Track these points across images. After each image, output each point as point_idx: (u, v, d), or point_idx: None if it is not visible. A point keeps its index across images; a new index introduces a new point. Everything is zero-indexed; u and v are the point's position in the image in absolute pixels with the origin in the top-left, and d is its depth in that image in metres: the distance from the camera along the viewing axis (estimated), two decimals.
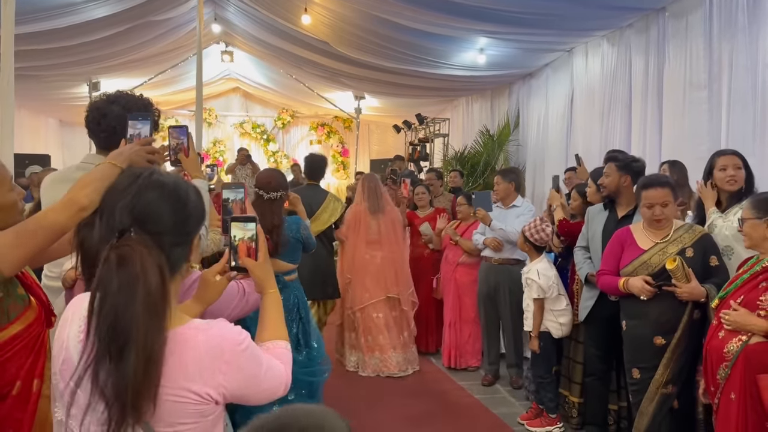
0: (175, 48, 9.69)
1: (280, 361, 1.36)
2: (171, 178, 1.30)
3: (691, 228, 2.97)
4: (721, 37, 4.94)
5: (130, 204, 1.21)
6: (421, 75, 8.63)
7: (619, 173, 3.48)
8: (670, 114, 5.55)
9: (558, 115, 7.68)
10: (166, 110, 13.74)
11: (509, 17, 6.22)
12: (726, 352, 2.42)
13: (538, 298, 3.84)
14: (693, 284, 2.76)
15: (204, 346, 1.18)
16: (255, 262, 1.48)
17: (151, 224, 1.20)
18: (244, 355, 1.22)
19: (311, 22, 7.44)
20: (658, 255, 2.92)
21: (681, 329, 2.81)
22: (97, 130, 2.14)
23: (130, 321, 1.11)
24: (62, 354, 1.21)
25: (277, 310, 1.49)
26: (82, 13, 6.97)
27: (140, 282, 1.13)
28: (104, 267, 1.14)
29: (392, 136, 12.74)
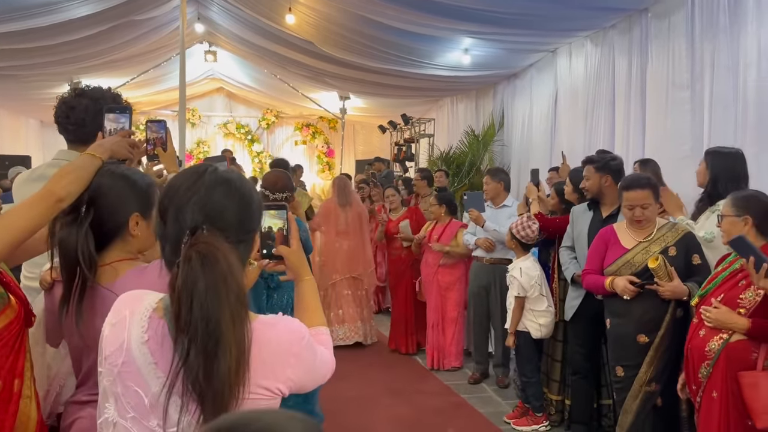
0: (158, 48, 9.60)
1: (324, 347, 1.38)
2: (235, 173, 1.29)
3: (674, 227, 2.98)
4: (703, 37, 4.98)
5: (200, 201, 1.19)
6: (406, 75, 8.63)
7: (599, 174, 3.50)
8: (653, 114, 5.59)
9: (542, 115, 7.72)
10: (149, 110, 13.63)
11: (493, 17, 6.24)
12: (707, 350, 2.43)
13: (519, 296, 3.85)
14: (675, 283, 2.78)
15: (275, 341, 1.19)
16: (290, 249, 1.46)
17: (220, 221, 1.19)
18: (307, 347, 1.24)
19: (295, 21, 7.40)
20: (641, 254, 2.93)
21: (664, 327, 2.83)
22: (65, 123, 2.10)
23: (223, 318, 1.10)
24: (122, 355, 1.17)
25: (315, 297, 1.49)
26: (63, 12, 6.88)
27: (230, 279, 1.12)
28: (186, 266, 1.12)
29: (378, 136, 12.74)
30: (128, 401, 1.16)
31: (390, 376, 5.13)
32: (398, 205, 6.06)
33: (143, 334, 1.17)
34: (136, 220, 1.60)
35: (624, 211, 3.00)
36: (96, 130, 2.08)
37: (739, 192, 2.61)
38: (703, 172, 3.12)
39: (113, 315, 1.23)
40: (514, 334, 3.91)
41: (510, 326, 3.92)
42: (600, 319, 3.21)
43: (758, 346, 2.35)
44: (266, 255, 1.46)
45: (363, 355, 5.67)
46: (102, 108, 2.04)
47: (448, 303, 5.14)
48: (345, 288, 5.92)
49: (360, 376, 5.05)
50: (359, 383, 4.91)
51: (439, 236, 5.17)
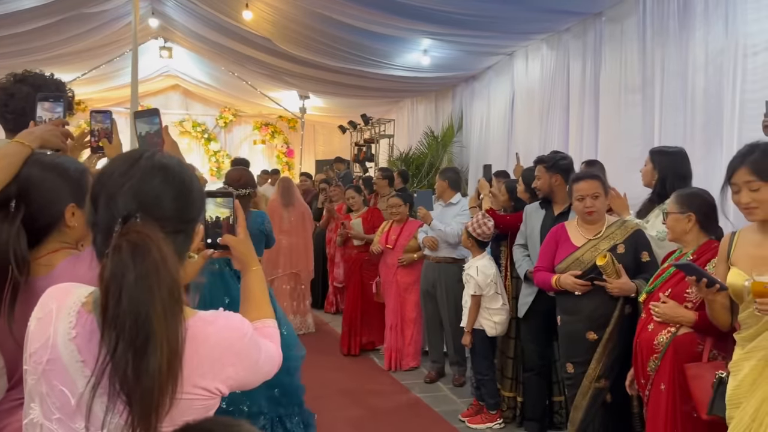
0: (110, 42, 9.33)
1: (270, 340, 1.32)
2: (174, 160, 1.20)
3: (623, 224, 3.02)
4: (654, 42, 5.11)
5: (135, 187, 1.10)
6: (366, 75, 8.60)
7: (549, 174, 3.55)
8: (605, 116, 5.71)
9: (500, 117, 7.81)
10: (102, 107, 13.23)
11: (452, 18, 6.27)
12: (656, 344, 2.47)
13: (475, 295, 3.86)
14: (623, 280, 2.81)
15: (213, 339, 1.12)
16: (236, 239, 1.39)
17: (156, 209, 1.11)
18: (249, 344, 1.18)
19: (253, 18, 7.29)
20: (590, 251, 2.96)
21: (612, 324, 2.86)
22: (4, 111, 1.97)
23: (154, 313, 1.02)
24: (47, 352, 1.09)
25: (262, 288, 1.42)
26: (10, 3, 6.62)
27: (161, 270, 1.04)
28: (116, 256, 1.03)
29: (338, 136, 12.68)
30: (54, 402, 1.09)
31: (344, 376, 5.07)
32: (360, 206, 6.05)
33: (70, 330, 1.10)
34: (71, 211, 1.51)
35: (575, 204, 3.03)
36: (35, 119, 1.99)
37: (683, 190, 2.67)
38: (650, 171, 3.18)
39: (39, 309, 1.15)
40: (470, 333, 3.91)
41: (466, 325, 3.92)
42: (552, 316, 3.24)
43: (704, 339, 2.40)
44: (211, 245, 1.40)
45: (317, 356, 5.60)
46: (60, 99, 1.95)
47: (407, 304, 5.12)
48: (285, 283, 6.29)
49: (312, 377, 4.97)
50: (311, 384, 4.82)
51: (397, 236, 5.13)
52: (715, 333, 2.34)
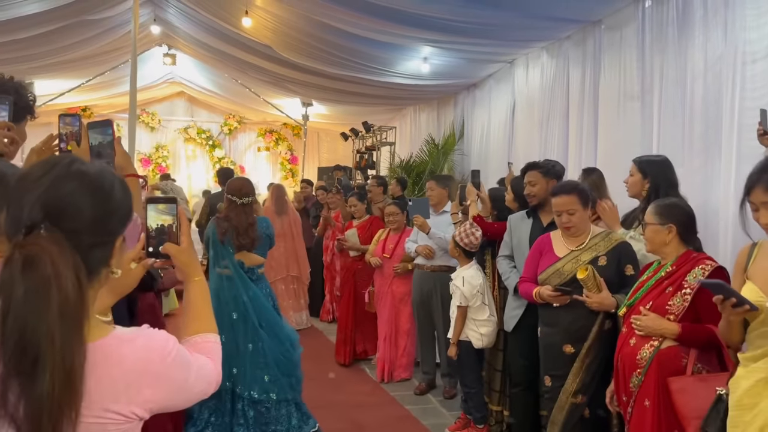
0: (113, 49, 9.37)
1: (209, 356, 1.25)
2: (94, 167, 1.12)
3: (607, 236, 2.94)
4: (652, 49, 5.03)
5: (42, 196, 1.02)
6: (367, 82, 8.57)
7: (546, 179, 3.47)
8: (605, 123, 5.63)
9: (500, 125, 7.74)
10: (106, 113, 13.27)
11: (452, 26, 6.23)
12: (639, 359, 2.39)
13: (461, 306, 3.78)
14: (603, 294, 2.72)
15: (129, 359, 1.05)
16: (178, 247, 1.33)
17: (66, 220, 1.02)
18: (173, 364, 1.11)
19: (252, 24, 7.29)
20: (571, 263, 2.89)
21: (591, 339, 2.78)
22: None
23: (41, 332, 0.94)
24: None
25: (205, 300, 1.35)
26: (11, 9, 6.65)
27: (53, 287, 0.96)
28: (7, 269, 0.97)
29: (342, 143, 12.66)
30: None
31: (334, 387, 5.00)
32: (362, 214, 5.99)
33: None
34: None
35: (555, 218, 2.97)
36: None
37: (662, 200, 2.60)
38: (639, 181, 3.10)
39: None
40: (456, 344, 3.83)
41: (452, 336, 3.84)
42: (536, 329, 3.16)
43: (687, 352, 2.32)
44: (152, 253, 1.35)
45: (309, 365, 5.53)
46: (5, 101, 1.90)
47: (402, 315, 5.03)
48: (281, 284, 6.72)
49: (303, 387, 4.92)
50: None
51: (395, 245, 5.06)
52: (699, 345, 2.27)
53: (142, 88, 11.63)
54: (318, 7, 6.30)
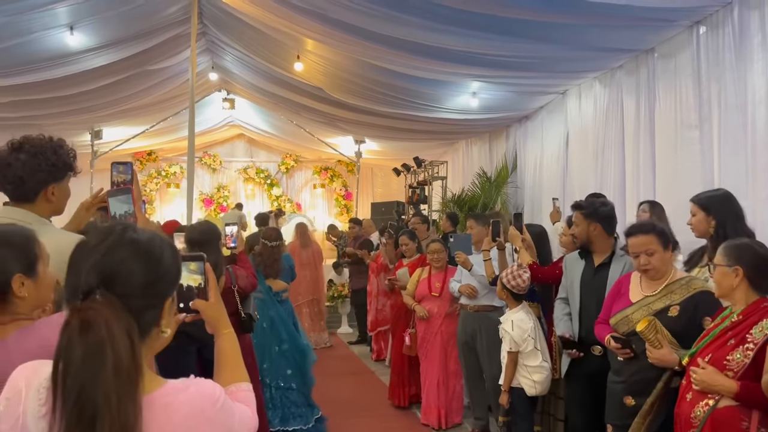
0: (176, 95, 9.81)
1: (245, 404, 1.30)
2: (145, 235, 1.20)
3: (688, 283, 2.68)
4: (709, 76, 4.85)
5: (98, 263, 1.11)
6: (417, 119, 8.62)
7: (587, 222, 3.30)
8: (662, 154, 5.43)
9: (554, 157, 7.59)
10: (170, 157, 13.90)
11: (499, 61, 6.20)
12: (693, 417, 2.19)
13: (511, 351, 3.63)
14: (663, 351, 2.48)
15: (185, 408, 1.12)
16: (206, 303, 1.41)
17: (119, 285, 1.11)
18: (222, 410, 1.17)
19: (304, 68, 7.50)
20: (641, 310, 2.67)
21: (654, 395, 2.54)
22: (2, 182, 1.99)
23: (98, 392, 1.01)
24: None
25: (235, 351, 1.41)
26: (79, 63, 7.10)
27: (107, 348, 1.04)
28: (65, 333, 1.05)
29: (394, 178, 12.73)
30: None
31: (387, 430, 4.90)
32: (413, 252, 5.92)
33: (40, 407, 1.09)
34: (20, 282, 1.48)
35: (633, 261, 2.78)
36: (38, 187, 2.02)
37: (733, 240, 2.38)
38: (704, 219, 2.91)
39: (8, 389, 1.14)
40: (507, 392, 3.66)
41: (503, 383, 3.67)
42: (599, 378, 2.96)
43: (748, 414, 2.09)
44: (183, 309, 1.40)
45: (361, 407, 5.48)
46: (41, 162, 1.98)
47: (451, 357, 4.86)
48: (305, 307, 7.82)
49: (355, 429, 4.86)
50: None
51: (442, 284, 4.92)
52: (764, 407, 2.04)
53: (204, 131, 12.14)
54: (366, 49, 6.42)
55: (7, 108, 7.90)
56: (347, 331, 9.21)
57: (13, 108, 7.96)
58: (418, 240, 6.16)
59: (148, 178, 13.66)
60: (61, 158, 2.01)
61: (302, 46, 7.14)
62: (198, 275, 1.41)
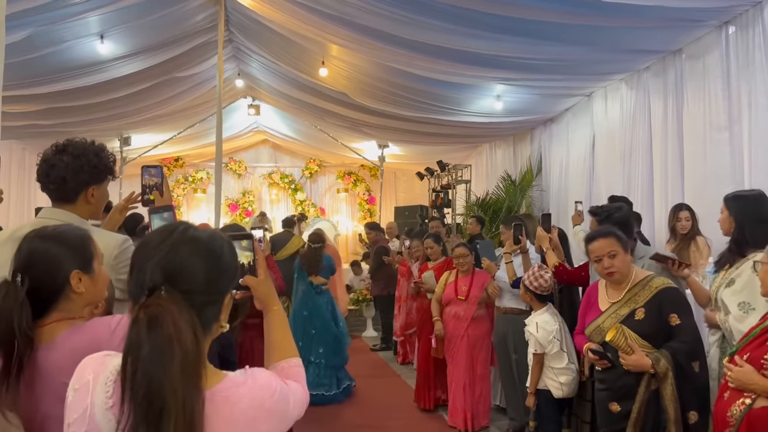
0: (203, 102, 9.96)
1: (297, 380, 1.34)
2: (206, 233, 1.24)
3: (648, 283, 2.69)
4: (739, 77, 4.79)
5: (162, 260, 1.15)
6: (440, 122, 8.63)
7: None
8: (691, 156, 5.36)
9: (579, 160, 7.54)
10: (197, 162, 14.09)
11: (524, 64, 6.19)
12: (729, 416, 2.17)
13: (537, 353, 3.62)
14: (636, 357, 2.52)
15: (246, 400, 1.16)
16: (256, 279, 1.44)
17: (183, 282, 1.15)
18: (279, 399, 1.22)
19: (329, 74, 7.56)
20: (610, 319, 2.69)
21: (638, 402, 2.55)
22: (46, 182, 2.05)
23: (166, 385, 1.05)
24: (85, 423, 1.13)
25: (284, 327, 1.45)
26: (109, 71, 7.25)
27: (174, 343, 1.08)
28: (134, 328, 1.09)
29: (418, 183, 12.74)
30: None
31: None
32: (438, 255, 5.90)
33: (108, 399, 1.12)
34: (78, 278, 1.54)
35: (594, 267, 2.80)
36: (79, 188, 2.09)
37: None
38: (727, 219, 2.90)
39: (76, 380, 1.18)
40: (534, 394, 3.65)
41: (530, 385, 3.67)
42: None
43: None
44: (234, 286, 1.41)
45: (388, 411, 5.49)
46: (83, 164, 2.04)
47: (478, 360, 4.87)
48: None
49: None
50: None
51: (468, 287, 4.91)
52: None
53: (230, 137, 12.29)
54: (390, 53, 6.46)
55: (40, 115, 8.09)
56: (372, 334, 9.24)
57: (45, 115, 8.16)
58: (444, 243, 6.16)
59: (175, 183, 13.86)
60: (102, 161, 2.08)
61: (327, 52, 7.21)
62: (249, 252, 1.45)
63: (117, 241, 2.08)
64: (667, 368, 2.49)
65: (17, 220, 8.85)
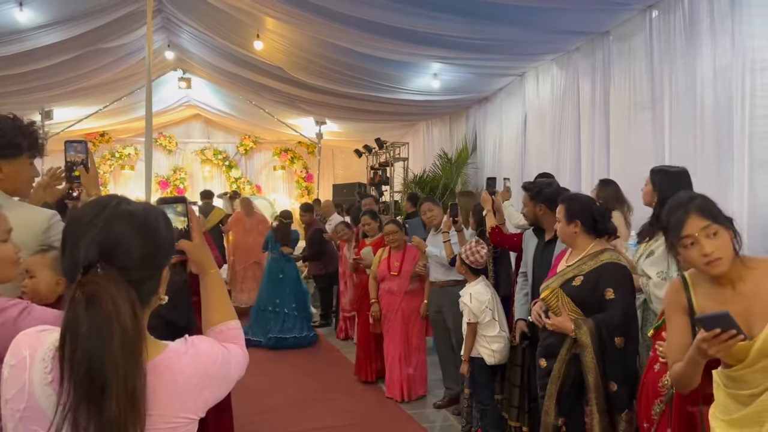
0: (129, 75, 9.57)
1: (235, 342, 1.35)
2: (140, 206, 1.20)
3: (597, 256, 2.82)
4: (661, 59, 5.03)
5: (96, 237, 1.11)
6: (378, 100, 8.65)
7: (533, 203, 3.48)
8: (616, 134, 5.62)
9: (512, 138, 7.76)
10: (124, 138, 13.56)
11: (460, 43, 6.27)
12: (661, 386, 2.31)
13: (470, 323, 3.77)
14: (560, 318, 2.68)
15: (189, 368, 1.16)
16: (192, 243, 1.43)
17: (119, 258, 1.12)
18: (221, 364, 1.23)
19: (264, 47, 7.42)
20: (558, 280, 2.85)
21: (559, 362, 2.72)
22: None
23: (106, 363, 1.04)
24: (24, 399, 1.11)
25: (221, 290, 1.45)
26: (29, 40, 6.86)
27: (114, 322, 1.06)
28: (72, 307, 1.06)
29: (356, 160, 12.74)
30: None
31: (354, 404, 5.00)
32: (375, 232, 5.98)
33: (46, 375, 1.11)
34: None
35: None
36: None
37: None
38: (650, 192, 3.08)
39: (11, 356, 1.15)
40: (467, 361, 3.81)
41: (464, 353, 3.83)
42: None
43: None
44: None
45: (328, 383, 5.56)
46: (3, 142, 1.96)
47: (412, 332, 5.01)
48: (249, 270, 8.67)
49: (323, 405, 4.94)
50: (322, 413, 4.80)
51: (400, 262, 5.03)
52: None
53: (159, 112, 11.86)
54: (327, 29, 6.40)
55: None
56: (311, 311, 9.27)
57: None
58: (380, 220, 6.24)
59: (101, 159, 13.30)
60: (5, 136, 1.98)
61: (262, 25, 7.06)
62: (183, 217, 1.44)
63: (45, 216, 2.02)
64: (587, 336, 2.61)
65: None
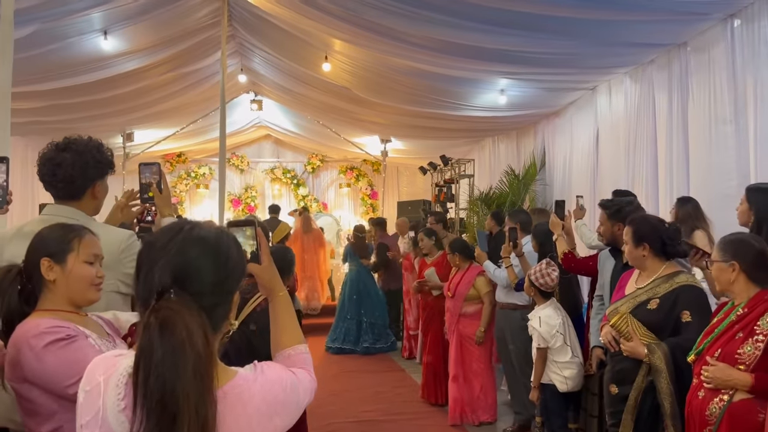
0: (205, 98, 9.95)
1: (303, 367, 1.33)
2: (212, 232, 1.21)
3: (672, 278, 2.69)
4: (744, 69, 4.77)
5: (170, 262, 1.13)
6: (443, 117, 8.62)
7: (610, 222, 3.34)
8: (696, 149, 5.35)
9: (583, 154, 7.53)
10: (200, 158, 14.09)
11: (528, 58, 6.17)
12: (708, 414, 2.18)
13: (540, 348, 3.63)
14: (632, 344, 2.58)
15: (258, 396, 1.16)
16: (260, 267, 1.42)
17: (192, 284, 1.13)
18: (290, 391, 1.23)
19: (332, 69, 7.55)
20: (629, 302, 2.72)
21: (635, 389, 2.59)
22: (53, 180, 2.07)
23: (179, 391, 1.05)
24: (98, 425, 1.13)
25: (290, 313, 1.43)
26: (113, 66, 7.25)
27: (187, 348, 1.07)
28: (146, 333, 1.08)
29: (421, 177, 12.73)
30: None
31: (420, 428, 4.92)
32: (431, 250, 5.92)
33: (119, 401, 1.12)
34: (47, 264, 1.62)
35: None
36: (86, 184, 2.10)
37: (729, 235, 2.39)
38: (746, 211, 2.89)
39: (86, 381, 1.18)
40: (537, 388, 3.67)
41: (533, 379, 3.69)
42: None
43: (765, 406, 2.08)
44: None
45: (393, 405, 5.51)
46: (88, 160, 2.06)
47: (473, 355, 4.90)
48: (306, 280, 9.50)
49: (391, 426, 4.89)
50: None
51: (457, 283, 4.96)
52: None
53: (232, 133, 12.26)
54: (393, 48, 6.44)
55: (44, 112, 8.09)
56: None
57: (49, 112, 8.16)
58: (437, 237, 6.18)
59: (178, 179, 13.86)
60: (104, 156, 2.10)
61: (330, 47, 7.20)
62: (252, 240, 1.44)
63: (123, 236, 2.10)
64: (661, 361, 2.49)
65: (21, 215, 8.85)
